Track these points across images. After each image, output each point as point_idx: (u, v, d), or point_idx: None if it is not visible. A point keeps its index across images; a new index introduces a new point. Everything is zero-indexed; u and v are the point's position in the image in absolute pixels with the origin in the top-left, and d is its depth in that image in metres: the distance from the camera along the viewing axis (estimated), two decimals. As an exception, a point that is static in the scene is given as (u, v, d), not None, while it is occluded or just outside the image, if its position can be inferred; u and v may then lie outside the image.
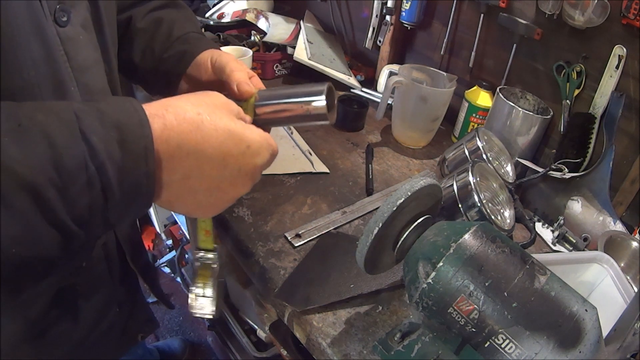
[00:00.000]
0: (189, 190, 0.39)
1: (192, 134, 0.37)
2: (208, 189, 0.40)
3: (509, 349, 0.42)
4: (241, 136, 0.40)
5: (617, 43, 0.82)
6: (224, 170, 0.40)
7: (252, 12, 1.38)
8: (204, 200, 0.41)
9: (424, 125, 1.05)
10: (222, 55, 0.57)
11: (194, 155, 0.37)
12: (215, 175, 0.39)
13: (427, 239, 0.51)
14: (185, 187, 0.39)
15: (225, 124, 0.39)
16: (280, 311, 0.66)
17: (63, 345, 0.59)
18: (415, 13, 1.13)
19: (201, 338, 1.65)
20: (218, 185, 0.40)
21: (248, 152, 0.41)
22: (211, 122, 0.38)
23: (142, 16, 0.62)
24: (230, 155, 0.39)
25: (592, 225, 0.85)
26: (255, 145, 0.41)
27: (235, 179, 0.41)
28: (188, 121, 0.37)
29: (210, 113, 0.39)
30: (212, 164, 0.39)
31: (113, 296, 0.65)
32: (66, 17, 0.43)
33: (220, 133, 0.39)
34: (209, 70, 0.57)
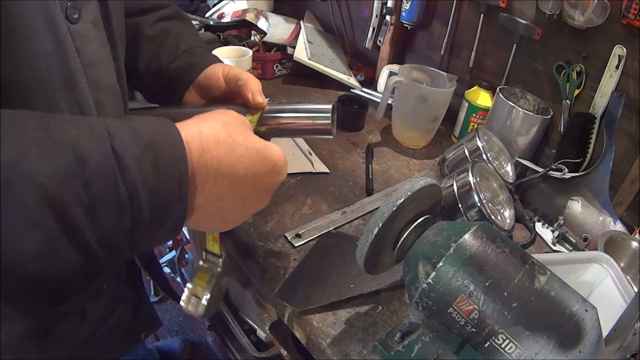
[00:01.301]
0: (219, 210, 0.40)
1: (227, 157, 0.37)
2: (236, 208, 0.41)
3: (509, 349, 0.42)
4: (268, 156, 0.41)
5: (617, 43, 0.82)
6: (252, 189, 0.41)
7: (252, 12, 1.38)
8: (230, 217, 0.42)
9: (424, 125, 1.05)
10: (233, 67, 0.60)
11: (228, 177, 0.37)
12: (244, 194, 0.40)
13: (427, 239, 0.51)
14: (216, 208, 0.39)
15: (252, 144, 0.40)
16: (280, 311, 0.66)
17: (68, 343, 0.59)
18: (415, 13, 1.13)
19: (201, 338, 1.65)
20: (245, 203, 0.42)
21: (274, 171, 0.42)
22: (242, 144, 0.39)
23: (149, 25, 0.63)
24: (259, 175, 0.41)
25: (592, 225, 0.85)
26: (280, 164, 0.43)
27: (260, 196, 0.43)
28: (223, 144, 0.37)
29: (239, 134, 0.39)
30: (243, 185, 0.39)
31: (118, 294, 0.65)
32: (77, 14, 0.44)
33: (251, 154, 0.40)
34: (220, 81, 0.59)
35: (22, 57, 0.38)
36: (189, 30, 0.66)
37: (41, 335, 0.55)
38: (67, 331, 0.58)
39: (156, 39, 0.63)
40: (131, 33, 0.61)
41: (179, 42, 0.63)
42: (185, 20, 0.68)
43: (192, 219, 0.38)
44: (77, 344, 0.60)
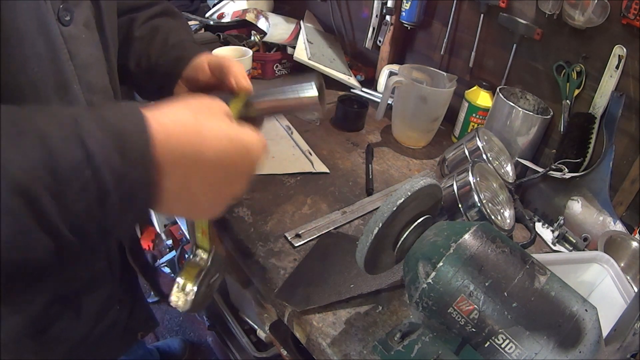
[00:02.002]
0: (189, 194, 0.39)
1: (192, 139, 0.37)
2: (207, 193, 0.40)
3: (509, 349, 0.42)
4: (240, 139, 0.40)
5: (617, 43, 0.81)
6: (223, 172, 0.40)
7: (252, 12, 1.38)
8: (204, 202, 0.41)
9: (424, 125, 1.05)
10: (218, 56, 0.59)
11: (194, 160, 0.37)
12: (214, 178, 0.39)
13: (427, 239, 0.51)
14: (185, 192, 0.38)
15: (223, 128, 0.39)
16: (280, 311, 0.66)
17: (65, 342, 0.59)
18: (415, 13, 1.13)
19: (201, 338, 1.65)
20: (217, 188, 0.40)
21: (245, 153, 0.41)
22: (210, 128, 0.38)
23: (140, 24, 0.63)
24: (229, 157, 0.39)
25: (592, 225, 0.85)
26: (254, 147, 0.41)
27: (233, 181, 0.41)
28: (188, 127, 0.37)
29: (207, 118, 0.39)
30: (212, 169, 0.39)
31: (114, 293, 0.65)
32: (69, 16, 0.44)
33: (220, 135, 0.39)
34: (206, 71, 0.58)
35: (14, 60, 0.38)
36: (178, 25, 0.66)
37: (38, 334, 0.55)
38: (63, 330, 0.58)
39: (145, 37, 0.62)
40: (123, 32, 0.61)
41: (167, 38, 0.62)
42: (176, 16, 0.67)
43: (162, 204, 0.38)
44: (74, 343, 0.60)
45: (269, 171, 0.90)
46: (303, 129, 1.06)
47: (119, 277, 0.65)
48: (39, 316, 0.54)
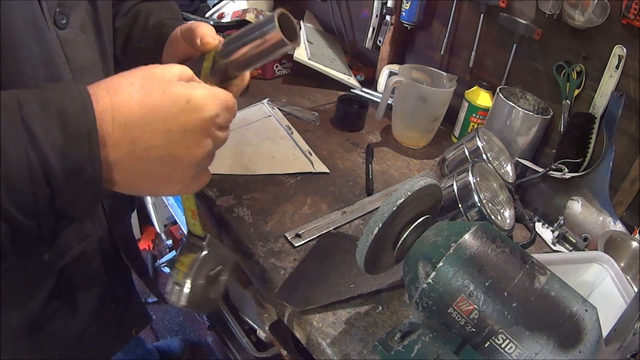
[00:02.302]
0: (139, 163, 0.37)
1: (125, 104, 0.35)
2: (159, 158, 0.37)
3: (509, 349, 0.42)
4: (178, 93, 0.37)
5: (617, 43, 0.81)
6: (168, 133, 0.37)
7: (252, 12, 1.38)
8: (160, 171, 0.38)
9: (424, 125, 1.05)
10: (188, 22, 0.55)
11: (132, 124, 0.35)
12: (161, 141, 0.37)
13: (427, 239, 0.51)
14: (134, 162, 0.37)
15: (159, 86, 0.37)
16: (280, 311, 0.66)
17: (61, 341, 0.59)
18: (415, 13, 1.13)
19: (201, 338, 1.65)
20: (168, 152, 0.38)
21: (189, 108, 0.37)
22: (143, 88, 0.36)
23: (122, 14, 0.62)
24: (170, 115, 0.37)
25: (592, 225, 0.85)
26: (196, 99, 0.38)
27: (184, 141, 0.38)
28: (120, 92, 0.36)
29: (143, 81, 0.37)
30: (153, 130, 0.36)
31: (108, 292, 0.65)
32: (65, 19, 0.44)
33: (154, 96, 0.36)
34: (180, 42, 0.55)
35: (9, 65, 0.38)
36: (161, 6, 0.63)
37: (35, 333, 0.55)
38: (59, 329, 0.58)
39: (127, 24, 0.61)
40: None
41: (147, 20, 0.60)
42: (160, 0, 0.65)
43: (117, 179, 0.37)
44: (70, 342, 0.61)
45: (269, 171, 0.90)
46: (303, 129, 1.06)
47: (113, 275, 0.66)
48: (36, 315, 0.55)
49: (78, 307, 0.60)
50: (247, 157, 0.92)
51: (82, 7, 0.47)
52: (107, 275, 0.64)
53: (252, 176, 0.88)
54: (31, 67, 0.41)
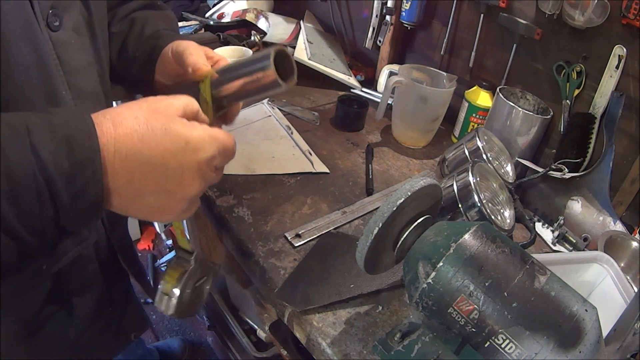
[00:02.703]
0: (136, 193, 0.39)
1: (128, 137, 0.37)
2: (154, 191, 0.39)
3: (509, 349, 0.42)
4: (178, 133, 0.39)
5: (617, 43, 0.81)
6: (165, 170, 0.39)
7: (252, 12, 1.38)
8: (154, 202, 0.40)
9: (424, 125, 1.05)
10: (182, 43, 0.56)
11: (132, 157, 0.37)
12: (157, 176, 0.39)
13: (427, 239, 0.51)
14: (131, 191, 0.39)
15: (162, 123, 0.39)
16: (280, 311, 0.66)
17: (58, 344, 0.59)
18: (415, 13, 1.13)
19: (201, 338, 1.65)
20: (164, 187, 0.40)
21: (188, 148, 0.39)
22: (147, 124, 0.38)
23: (118, 19, 0.62)
24: (169, 153, 0.38)
25: (592, 225, 0.85)
26: (195, 141, 0.39)
27: (180, 178, 0.40)
28: (124, 126, 0.37)
29: (147, 116, 0.38)
30: (152, 165, 0.38)
31: (106, 295, 0.65)
32: (58, 21, 0.44)
33: (157, 133, 0.38)
34: (171, 62, 0.56)
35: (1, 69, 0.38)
36: (158, 16, 0.64)
37: (31, 336, 0.55)
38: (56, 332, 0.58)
39: (123, 31, 0.61)
40: None
41: (143, 29, 0.61)
42: (157, 8, 0.65)
43: (114, 203, 0.39)
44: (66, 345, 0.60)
45: (269, 171, 0.90)
46: (303, 129, 1.06)
47: (111, 279, 0.65)
48: (32, 318, 0.54)
49: (74, 310, 0.59)
50: (247, 157, 0.92)
51: (75, 8, 0.47)
52: (104, 279, 0.63)
53: (252, 176, 0.88)
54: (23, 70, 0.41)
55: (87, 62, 0.50)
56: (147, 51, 0.59)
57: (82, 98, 0.48)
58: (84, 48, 0.49)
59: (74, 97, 0.47)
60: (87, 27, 0.49)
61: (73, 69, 0.47)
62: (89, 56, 0.50)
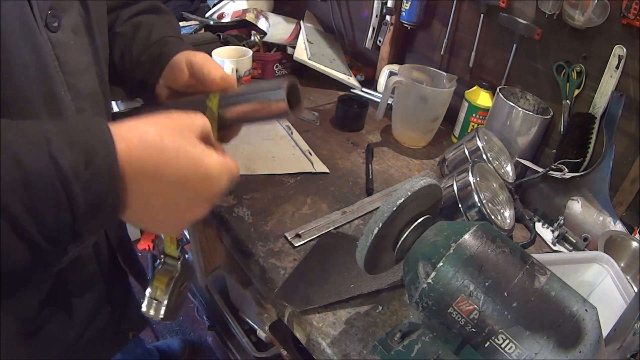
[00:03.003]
0: (149, 209, 0.40)
1: (153, 158, 0.38)
2: (167, 210, 0.41)
3: (509, 349, 0.42)
4: (201, 163, 0.41)
5: (617, 43, 0.81)
6: (182, 193, 0.41)
7: (252, 12, 1.38)
8: (164, 219, 0.42)
9: (424, 125, 1.05)
10: (197, 55, 0.57)
11: (153, 177, 0.38)
12: (173, 197, 0.40)
13: (427, 239, 0.51)
14: (145, 206, 0.40)
15: (186, 149, 0.40)
16: (280, 311, 0.66)
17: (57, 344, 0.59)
18: (415, 13, 1.13)
19: (201, 338, 1.65)
20: (176, 207, 0.41)
21: (207, 179, 0.41)
22: (173, 147, 0.39)
23: (123, 21, 0.62)
24: (189, 180, 0.40)
25: (592, 225, 0.85)
26: (215, 173, 0.41)
27: (193, 203, 0.42)
28: (151, 145, 0.38)
29: (172, 137, 0.39)
30: (170, 187, 0.40)
31: (105, 295, 0.65)
32: (57, 22, 0.44)
33: (181, 158, 0.39)
34: (183, 70, 0.57)
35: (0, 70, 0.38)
36: (163, 21, 0.64)
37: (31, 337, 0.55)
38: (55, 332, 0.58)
39: (128, 33, 0.61)
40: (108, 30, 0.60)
41: (150, 34, 0.61)
42: (161, 13, 0.66)
43: (127, 214, 0.40)
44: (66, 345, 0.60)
45: (269, 171, 0.90)
46: (303, 129, 1.06)
47: (110, 278, 0.65)
48: (31, 318, 0.54)
49: (74, 310, 0.59)
50: (247, 157, 0.92)
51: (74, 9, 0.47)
52: (104, 279, 0.63)
53: (252, 176, 0.88)
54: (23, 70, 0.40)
55: (86, 63, 0.50)
56: (153, 56, 0.59)
57: (81, 99, 0.48)
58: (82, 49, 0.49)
59: (73, 98, 0.47)
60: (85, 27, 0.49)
61: (72, 69, 0.47)
62: (88, 57, 0.50)
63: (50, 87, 0.44)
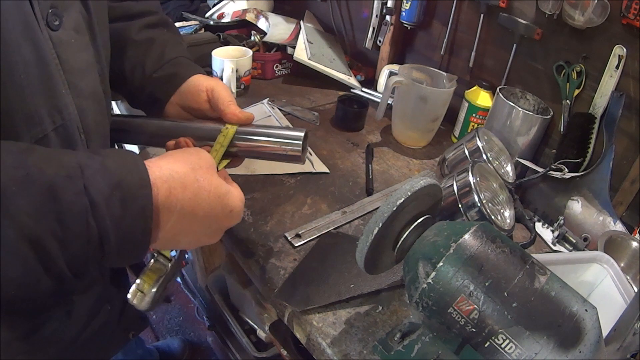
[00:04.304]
0: (175, 239, 0.43)
1: (191, 201, 0.41)
2: (189, 239, 0.45)
3: (509, 349, 0.42)
4: (227, 202, 0.45)
5: (617, 43, 0.81)
6: (207, 228, 0.45)
7: (252, 12, 1.38)
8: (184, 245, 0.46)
9: (424, 125, 1.05)
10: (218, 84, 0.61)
11: (188, 218, 0.42)
12: (199, 232, 0.45)
13: (427, 239, 0.51)
14: (172, 241, 0.43)
15: (216, 189, 0.44)
16: (280, 311, 0.66)
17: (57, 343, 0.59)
18: (415, 13, 1.13)
19: (201, 338, 1.65)
20: (199, 239, 0.46)
21: (230, 216, 0.46)
22: (206, 189, 0.43)
23: (136, 30, 0.63)
24: (216, 217, 0.44)
25: (592, 225, 0.85)
26: (237, 210, 0.47)
27: (214, 234, 0.47)
28: (190, 189, 0.41)
29: (205, 179, 0.43)
30: (199, 224, 0.43)
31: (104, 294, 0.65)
32: (58, 20, 0.44)
33: (213, 198, 0.43)
34: (200, 95, 0.61)
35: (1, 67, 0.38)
36: (175, 39, 0.67)
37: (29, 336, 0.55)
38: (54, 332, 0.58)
39: (142, 45, 0.63)
40: (116, 38, 0.61)
41: (164, 51, 0.63)
42: (171, 29, 0.68)
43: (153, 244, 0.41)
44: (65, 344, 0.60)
45: (269, 171, 0.90)
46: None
47: (109, 277, 0.65)
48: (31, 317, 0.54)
49: (74, 308, 0.59)
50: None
51: (75, 8, 0.47)
52: (103, 277, 0.63)
53: (252, 176, 0.88)
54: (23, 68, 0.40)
55: (87, 62, 0.50)
56: (167, 75, 0.62)
57: (82, 97, 0.48)
58: (84, 47, 0.49)
59: (74, 97, 0.47)
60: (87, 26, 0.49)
61: (73, 68, 0.47)
62: (89, 56, 0.50)
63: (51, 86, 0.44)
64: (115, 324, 0.70)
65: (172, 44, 0.65)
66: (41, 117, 0.43)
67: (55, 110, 0.45)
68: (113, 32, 0.59)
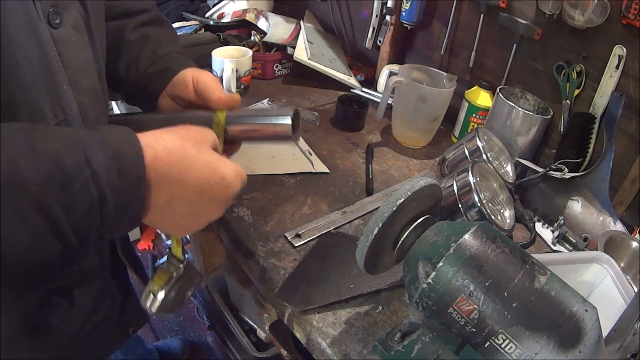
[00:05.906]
0: (170, 213, 0.44)
1: (177, 165, 0.42)
2: (186, 213, 0.45)
3: (509, 349, 0.42)
4: (218, 169, 0.45)
5: (617, 43, 0.82)
6: (201, 197, 0.45)
7: (252, 12, 1.38)
8: (182, 222, 0.46)
9: (424, 125, 1.05)
10: (203, 73, 0.61)
11: (177, 183, 0.43)
12: (193, 201, 0.45)
13: (427, 239, 0.51)
14: (167, 210, 0.44)
15: (205, 156, 0.45)
16: (280, 311, 0.66)
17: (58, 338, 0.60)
18: (415, 13, 1.13)
19: (201, 338, 1.65)
20: (195, 211, 0.46)
21: (223, 183, 0.46)
22: (194, 155, 0.44)
23: (131, 29, 0.65)
24: (208, 185, 0.45)
25: (592, 225, 0.85)
26: (230, 178, 0.46)
27: (210, 206, 0.47)
28: (175, 153, 0.42)
29: (193, 146, 0.44)
30: (191, 192, 0.44)
31: (105, 289, 0.65)
32: (59, 19, 0.46)
33: (202, 165, 0.44)
34: (188, 87, 0.61)
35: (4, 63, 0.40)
36: (168, 36, 0.68)
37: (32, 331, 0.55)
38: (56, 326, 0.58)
39: (136, 43, 0.64)
40: (113, 37, 0.63)
41: (157, 47, 0.65)
42: (166, 26, 0.69)
43: (148, 217, 0.43)
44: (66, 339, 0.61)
45: (269, 171, 0.90)
46: (303, 128, 1.06)
47: (110, 272, 0.66)
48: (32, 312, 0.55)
49: (75, 303, 0.60)
50: (247, 157, 0.92)
51: (74, 7, 0.48)
52: (103, 272, 0.64)
53: (252, 176, 0.88)
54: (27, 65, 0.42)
55: (86, 59, 0.51)
56: (160, 69, 0.63)
57: (82, 93, 0.50)
58: (83, 45, 0.50)
59: (74, 93, 0.48)
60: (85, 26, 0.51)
61: (73, 65, 0.48)
62: (88, 53, 0.52)
63: (54, 82, 0.45)
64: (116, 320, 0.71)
65: (165, 41, 0.66)
66: (44, 113, 0.44)
67: (58, 105, 0.46)
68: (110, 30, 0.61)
